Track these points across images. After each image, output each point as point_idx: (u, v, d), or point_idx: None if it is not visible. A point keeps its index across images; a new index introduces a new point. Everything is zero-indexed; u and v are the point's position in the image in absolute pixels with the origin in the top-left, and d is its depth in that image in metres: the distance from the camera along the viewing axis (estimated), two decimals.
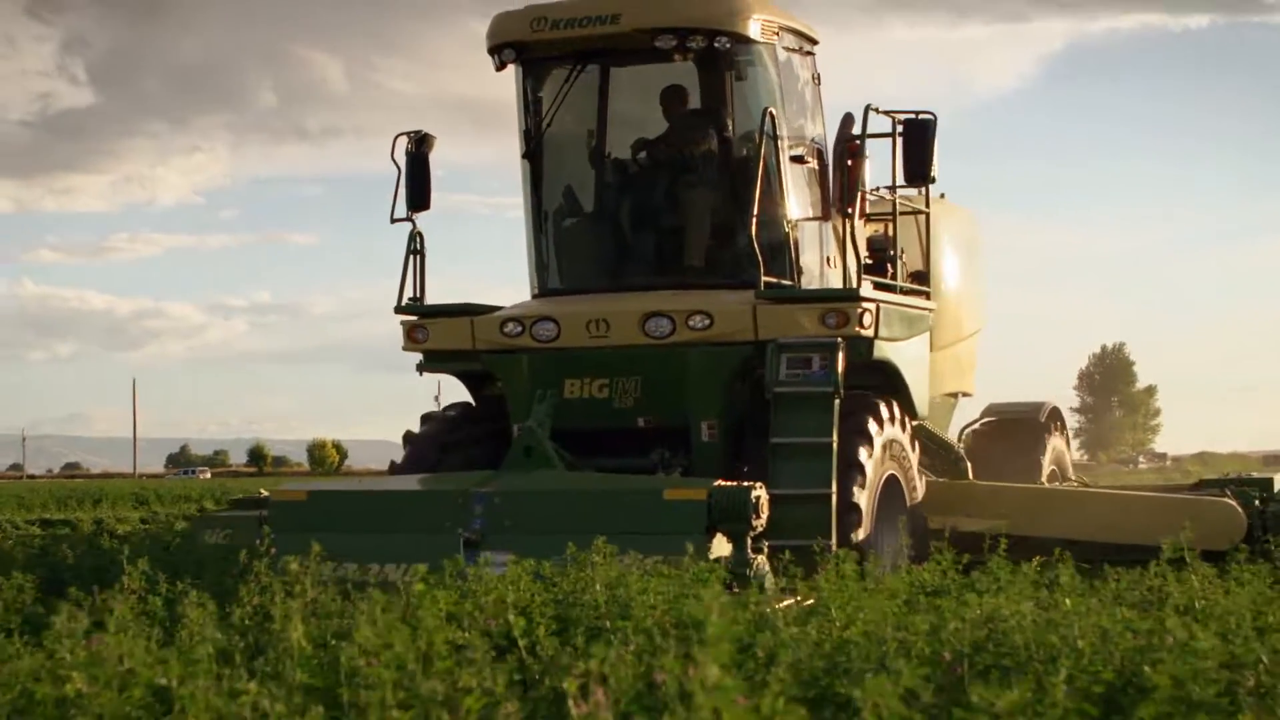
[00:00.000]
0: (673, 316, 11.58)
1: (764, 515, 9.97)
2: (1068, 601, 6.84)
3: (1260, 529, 12.41)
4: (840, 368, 11.17)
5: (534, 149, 12.43)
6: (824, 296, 11.64)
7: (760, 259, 11.36)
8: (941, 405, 15.32)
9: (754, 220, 11.35)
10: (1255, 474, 13.74)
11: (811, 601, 7.87)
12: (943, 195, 15.70)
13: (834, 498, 10.81)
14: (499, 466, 11.21)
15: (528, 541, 9.52)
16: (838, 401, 11.08)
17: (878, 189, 12.20)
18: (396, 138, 12.58)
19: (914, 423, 12.58)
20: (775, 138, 11.77)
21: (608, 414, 11.74)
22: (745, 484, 10.06)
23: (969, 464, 13.87)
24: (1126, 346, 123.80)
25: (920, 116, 11.88)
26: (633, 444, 11.76)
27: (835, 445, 10.95)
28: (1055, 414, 15.74)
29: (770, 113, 11.69)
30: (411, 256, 12.52)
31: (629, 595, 7.20)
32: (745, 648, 6.11)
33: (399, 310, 12.52)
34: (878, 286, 12.24)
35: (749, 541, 9.87)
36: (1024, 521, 12.20)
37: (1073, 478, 15.95)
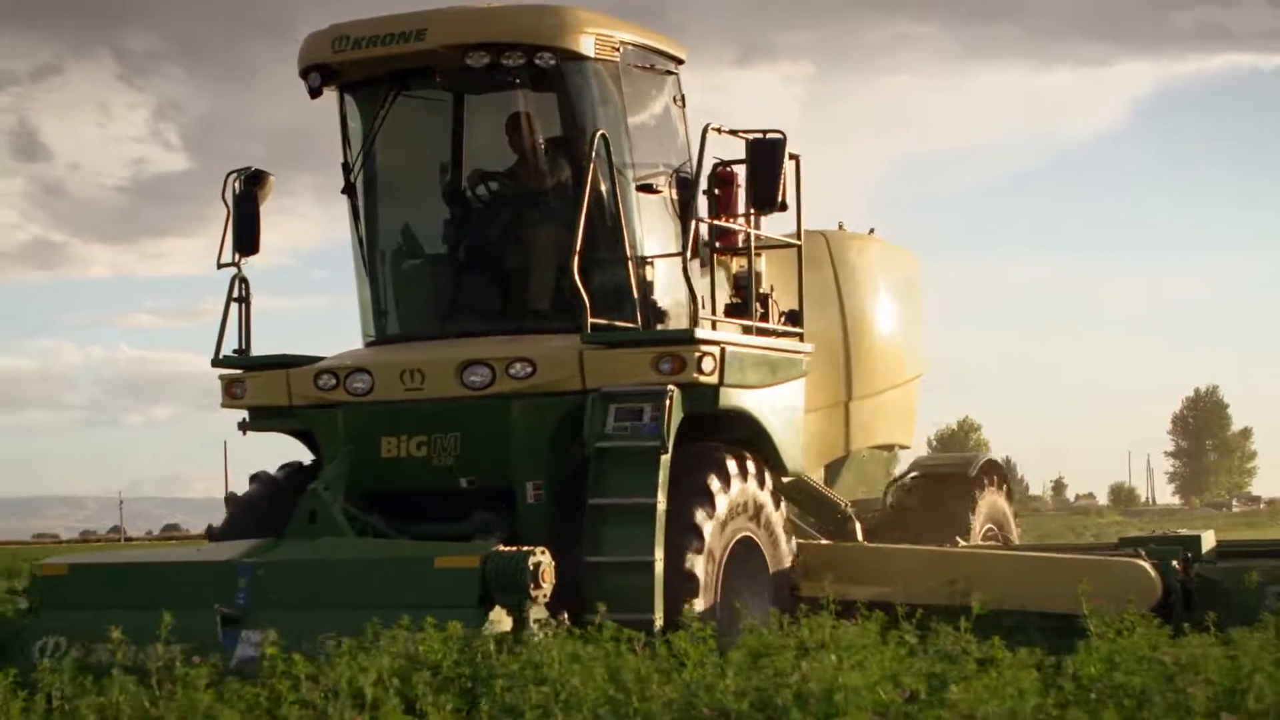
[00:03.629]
0: (492, 365, 10.39)
1: (547, 584, 8.89)
2: (833, 658, 7.08)
3: (1180, 593, 11.02)
4: (673, 419, 9.95)
5: (353, 183, 11.28)
6: (657, 339, 10.39)
7: (586, 298, 10.14)
8: (870, 460, 14.06)
9: (576, 255, 10.13)
10: (1184, 531, 12.28)
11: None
12: (872, 231, 14.49)
13: (658, 565, 9.58)
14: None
15: (290, 617, 8.70)
16: (666, 457, 9.84)
17: (718, 219, 10.95)
18: (228, 176, 11.49)
19: (786, 479, 11.32)
20: (611, 164, 10.57)
21: (427, 474, 10.55)
22: (525, 549, 8.94)
23: (858, 524, 12.55)
24: (1220, 389, 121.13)
25: (769, 136, 10.60)
26: (455, 507, 10.57)
27: (663, 507, 9.72)
28: (991, 467, 14.34)
29: (604, 136, 10.49)
30: (234, 305, 11.39)
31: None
32: None
33: (216, 363, 11.38)
34: (748, 330, 11.03)
35: (531, 614, 8.76)
36: (916, 587, 10.89)
37: (1014, 536, 14.55)
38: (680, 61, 11.45)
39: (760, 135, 10.60)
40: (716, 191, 11.04)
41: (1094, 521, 64.09)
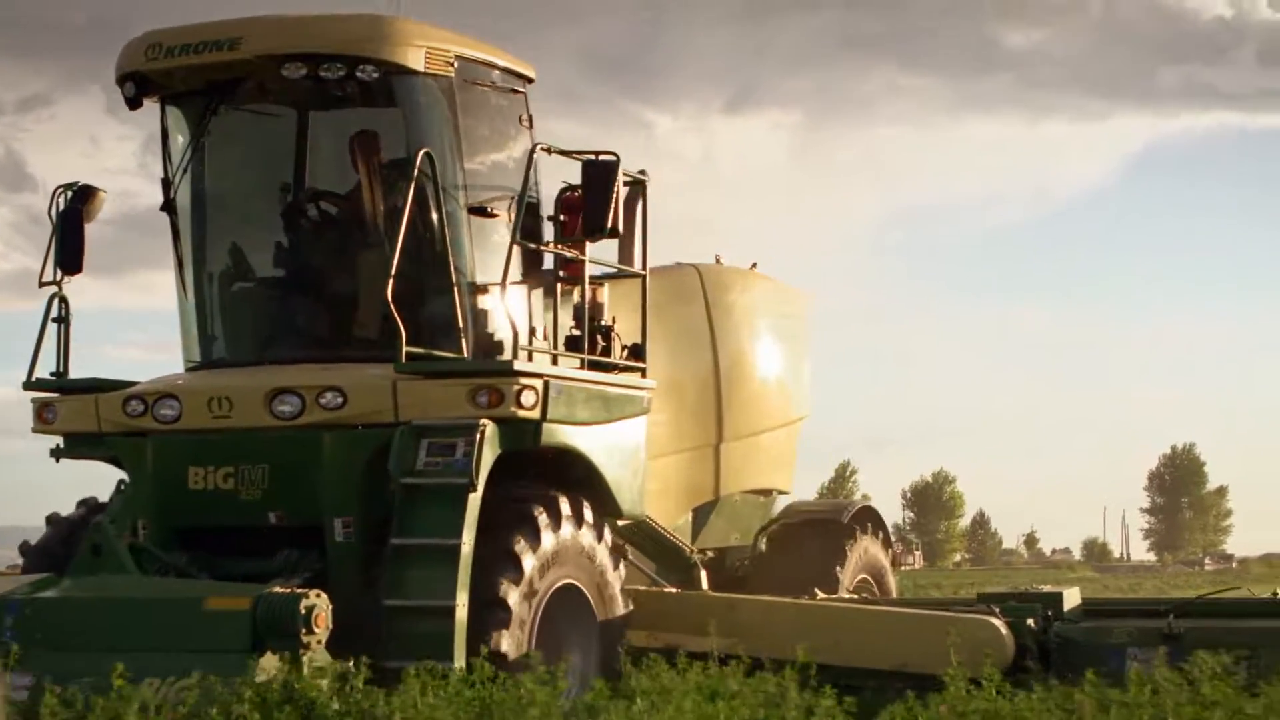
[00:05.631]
0: (302, 394, 9.82)
1: (321, 629, 8.34)
2: (638, 704, 7.22)
3: (1036, 652, 10.45)
4: (486, 455, 9.39)
5: (172, 199, 10.72)
6: (475, 371, 9.83)
7: (401, 326, 9.57)
8: (744, 504, 13.45)
9: (391, 280, 9.58)
10: (1048, 587, 11.72)
11: None
12: (754, 265, 13.97)
13: (460, 610, 9.01)
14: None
15: (57, 659, 8.29)
16: (475, 496, 9.27)
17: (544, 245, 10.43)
18: (55, 191, 10.93)
19: (622, 521, 10.76)
20: (438, 184, 10.02)
21: (234, 508, 9.98)
22: (299, 590, 8.40)
23: (704, 571, 11.98)
24: (1196, 447, 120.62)
25: (601, 158, 10.06)
26: (265, 544, 9.99)
27: (469, 548, 9.15)
28: (866, 514, 13.77)
29: (429, 154, 9.95)
30: (53, 325, 10.82)
31: None
32: None
33: (28, 386, 10.80)
34: (594, 366, 10.49)
35: (305, 659, 8.21)
36: (762, 640, 10.30)
37: (893, 589, 13.97)
38: (529, 80, 10.91)
39: (593, 157, 10.06)
40: (563, 217, 10.53)
41: (1064, 576, 63.62)
